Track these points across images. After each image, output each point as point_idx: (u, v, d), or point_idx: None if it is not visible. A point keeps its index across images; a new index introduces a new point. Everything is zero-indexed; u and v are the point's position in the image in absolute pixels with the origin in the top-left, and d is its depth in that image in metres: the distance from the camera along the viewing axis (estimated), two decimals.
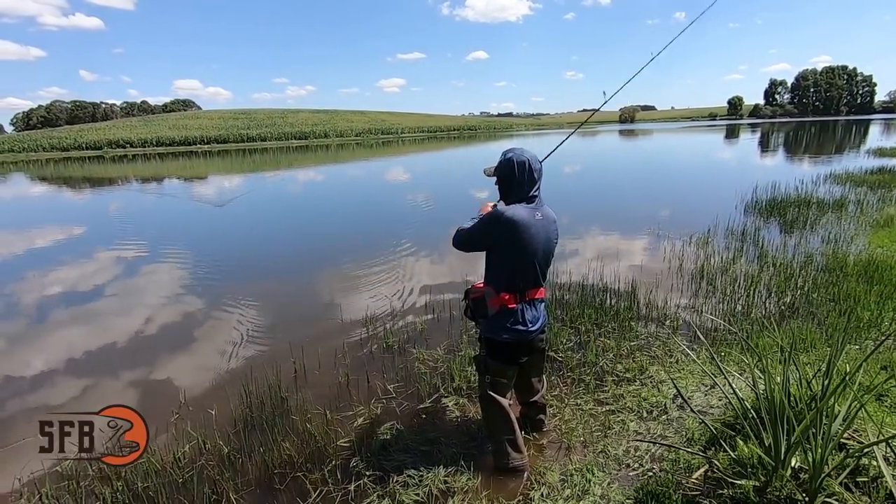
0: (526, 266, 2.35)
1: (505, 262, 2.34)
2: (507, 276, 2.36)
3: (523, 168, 2.34)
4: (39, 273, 7.17)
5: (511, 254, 2.31)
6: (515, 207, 2.32)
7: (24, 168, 36.19)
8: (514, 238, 2.28)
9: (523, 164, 2.35)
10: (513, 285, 2.37)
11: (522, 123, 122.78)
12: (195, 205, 14.07)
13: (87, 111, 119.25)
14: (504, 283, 2.37)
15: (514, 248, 2.30)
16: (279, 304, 5.38)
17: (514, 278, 2.36)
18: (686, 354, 3.56)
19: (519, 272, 2.35)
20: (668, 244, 6.82)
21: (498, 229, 2.29)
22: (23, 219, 12.95)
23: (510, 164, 2.36)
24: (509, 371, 2.50)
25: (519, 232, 2.27)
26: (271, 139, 63.39)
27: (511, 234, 2.27)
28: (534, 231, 2.31)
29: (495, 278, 2.39)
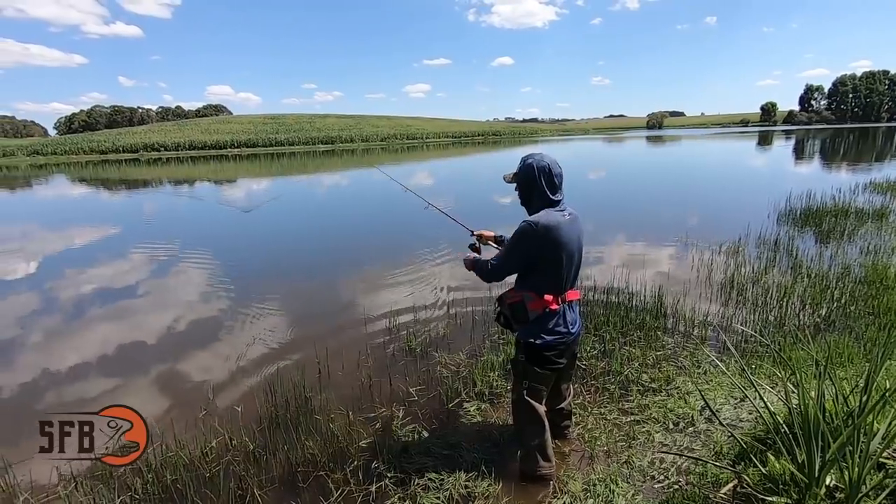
0: (566, 267, 2.34)
1: (547, 267, 2.31)
2: (551, 280, 2.34)
3: (544, 173, 2.32)
4: (77, 271, 7.46)
5: (552, 258, 2.29)
6: (546, 213, 2.30)
7: (66, 170, 37.75)
8: (552, 243, 2.26)
9: (544, 168, 2.32)
10: (556, 287, 2.35)
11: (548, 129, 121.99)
12: (224, 209, 14.41)
13: (125, 116, 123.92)
14: (547, 286, 2.34)
15: (555, 252, 2.28)
16: (304, 307, 5.47)
17: (557, 280, 2.34)
18: (715, 366, 3.47)
19: (560, 274, 2.34)
20: (696, 253, 6.67)
21: (535, 239, 2.26)
22: (63, 219, 13.50)
23: (531, 170, 2.34)
24: (549, 376, 2.46)
25: (555, 235, 2.26)
26: (299, 143, 64.59)
27: (548, 240, 2.25)
28: (568, 232, 2.30)
29: (536, 283, 2.36)
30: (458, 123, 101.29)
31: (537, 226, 2.25)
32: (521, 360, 2.47)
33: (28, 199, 20.82)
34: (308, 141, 65.92)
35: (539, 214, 2.31)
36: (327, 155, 46.64)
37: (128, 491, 2.55)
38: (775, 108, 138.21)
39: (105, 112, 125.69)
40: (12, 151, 56.00)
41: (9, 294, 6.46)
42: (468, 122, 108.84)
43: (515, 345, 2.55)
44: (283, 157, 46.16)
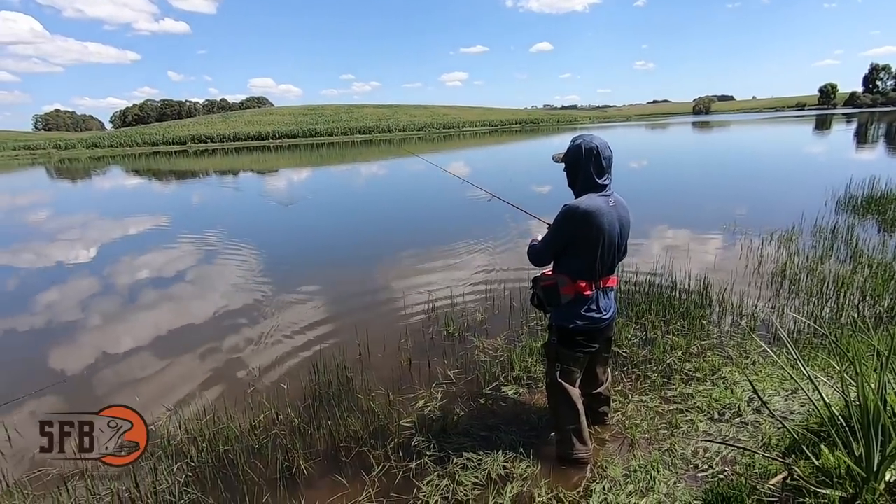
0: (604, 254, 2.30)
1: (584, 252, 2.29)
2: (586, 265, 2.31)
3: (592, 154, 2.28)
4: (131, 257, 7.90)
5: (590, 243, 2.26)
6: (588, 197, 2.27)
7: (121, 161, 39.85)
8: (591, 228, 2.23)
9: (592, 149, 2.28)
10: (590, 273, 2.33)
11: (587, 116, 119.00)
12: (265, 201, 14.87)
13: (173, 109, 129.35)
14: (581, 271, 2.33)
15: (593, 237, 2.25)
16: (345, 291, 5.60)
17: (592, 267, 2.32)
18: (765, 356, 3.35)
19: (597, 260, 2.31)
20: (745, 241, 6.39)
21: (574, 223, 2.24)
22: (119, 209, 14.30)
23: (579, 151, 2.31)
24: (581, 359, 2.47)
25: (596, 221, 2.22)
26: (337, 134, 65.66)
27: (588, 225, 2.22)
28: (609, 218, 2.26)
29: (571, 267, 2.34)
30: (496, 111, 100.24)
31: (578, 208, 2.23)
32: (554, 343, 2.48)
33: (88, 189, 22.15)
34: (346, 131, 66.89)
35: (581, 198, 2.28)
36: (365, 145, 47.23)
37: (184, 458, 2.71)
38: (835, 90, 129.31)
39: (156, 106, 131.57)
40: (74, 144, 59.59)
41: (71, 279, 6.92)
42: (505, 110, 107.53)
43: (548, 328, 2.56)
44: (322, 147, 47.06)
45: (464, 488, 2.37)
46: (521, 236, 7.63)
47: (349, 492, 2.43)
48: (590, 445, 2.52)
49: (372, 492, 2.40)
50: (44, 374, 4.01)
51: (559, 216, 2.30)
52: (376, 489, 2.43)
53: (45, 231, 11.00)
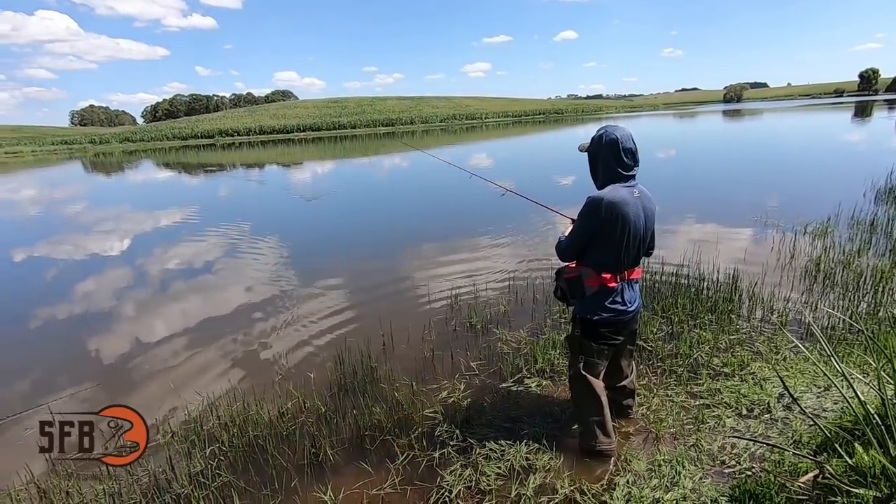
0: (629, 246, 2.29)
1: (608, 244, 2.27)
2: (611, 257, 2.30)
3: (613, 146, 2.25)
4: (162, 249, 8.15)
5: (615, 235, 2.24)
6: (612, 188, 2.25)
7: (152, 155, 40.97)
8: (616, 219, 2.21)
9: (615, 141, 2.25)
10: (615, 265, 2.32)
11: (613, 105, 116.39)
12: (290, 196, 15.09)
13: (201, 103, 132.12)
14: (606, 263, 2.31)
15: (618, 229, 2.23)
16: (369, 282, 5.66)
17: (616, 259, 2.30)
18: (796, 352, 3.26)
19: (622, 252, 2.29)
20: (776, 234, 6.21)
21: (599, 215, 2.21)
22: (150, 201, 14.73)
23: (600, 142, 2.29)
24: (605, 352, 2.46)
25: (621, 212, 2.20)
26: (360, 126, 66.03)
27: (613, 216, 2.20)
28: (634, 209, 2.24)
29: (596, 259, 2.33)
30: (519, 102, 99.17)
31: (602, 200, 2.21)
32: (577, 336, 2.47)
33: (121, 183, 22.88)
34: (369, 123, 67.20)
35: (605, 190, 2.26)
36: (387, 137, 47.37)
37: (216, 443, 2.81)
38: (877, 76, 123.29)
39: (184, 100, 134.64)
40: (108, 139, 61.56)
41: (105, 269, 7.19)
42: (529, 101, 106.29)
43: (571, 320, 2.56)
44: (345, 139, 47.43)
45: (487, 478, 2.40)
46: (544, 228, 7.58)
47: (374, 479, 2.48)
48: (613, 438, 2.52)
49: (396, 479, 2.45)
50: (81, 360, 4.20)
51: (583, 209, 2.28)
52: (401, 477, 2.47)
53: (82, 223, 11.43)
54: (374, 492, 2.40)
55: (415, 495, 2.37)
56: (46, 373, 4.04)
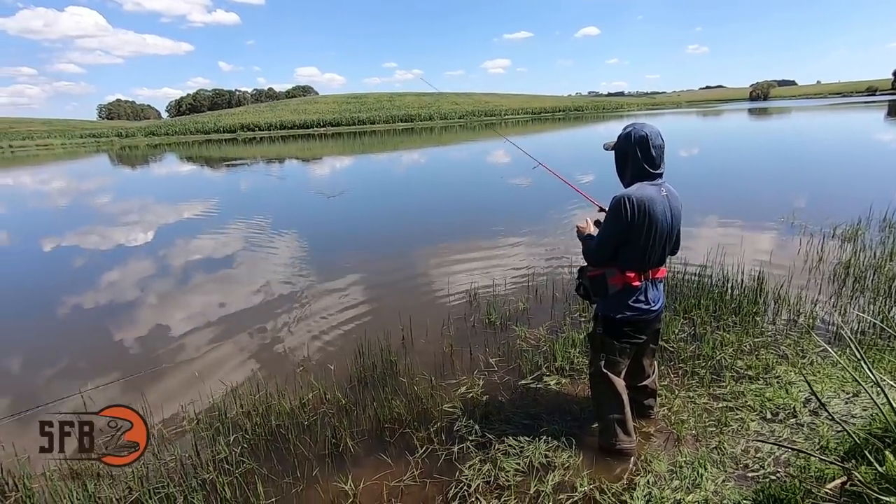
0: (655, 245, 2.26)
1: (634, 243, 2.24)
2: (636, 256, 2.27)
3: (641, 143, 2.23)
4: (185, 241, 8.32)
5: (641, 234, 2.21)
6: (639, 187, 2.22)
7: (175, 149, 41.79)
8: (644, 218, 2.18)
9: (642, 138, 2.22)
10: (640, 264, 2.29)
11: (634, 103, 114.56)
12: (309, 191, 15.23)
13: (224, 98, 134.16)
14: (631, 262, 2.29)
15: (645, 228, 2.20)
16: (388, 278, 5.70)
17: (642, 257, 2.27)
18: (824, 356, 3.19)
19: (648, 251, 2.26)
20: (804, 235, 6.06)
21: (626, 214, 2.18)
22: (174, 194, 15.04)
23: (628, 139, 2.26)
24: (627, 350, 2.44)
25: (649, 211, 2.18)
26: (380, 122, 66.29)
27: (641, 215, 2.17)
28: (661, 208, 2.22)
29: (621, 257, 2.30)
30: (539, 99, 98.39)
31: (630, 198, 2.18)
32: (599, 334, 2.46)
33: (146, 175, 23.39)
34: (388, 119, 67.41)
35: (632, 188, 2.24)
36: (406, 133, 47.46)
37: (240, 431, 2.87)
38: None
39: (207, 95, 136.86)
40: (133, 133, 62.99)
41: (130, 260, 7.37)
42: (548, 98, 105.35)
43: (594, 318, 2.54)
44: (364, 135, 47.67)
45: (505, 474, 2.40)
46: (563, 225, 7.53)
47: (394, 471, 2.51)
48: (633, 437, 2.50)
49: (416, 472, 2.48)
50: (108, 348, 4.33)
51: (610, 209, 2.25)
52: (420, 470, 2.50)
53: (108, 214, 11.74)
54: (393, 483, 2.43)
55: (434, 488, 2.39)
56: (74, 360, 4.17)
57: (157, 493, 2.38)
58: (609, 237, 2.28)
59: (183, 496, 2.36)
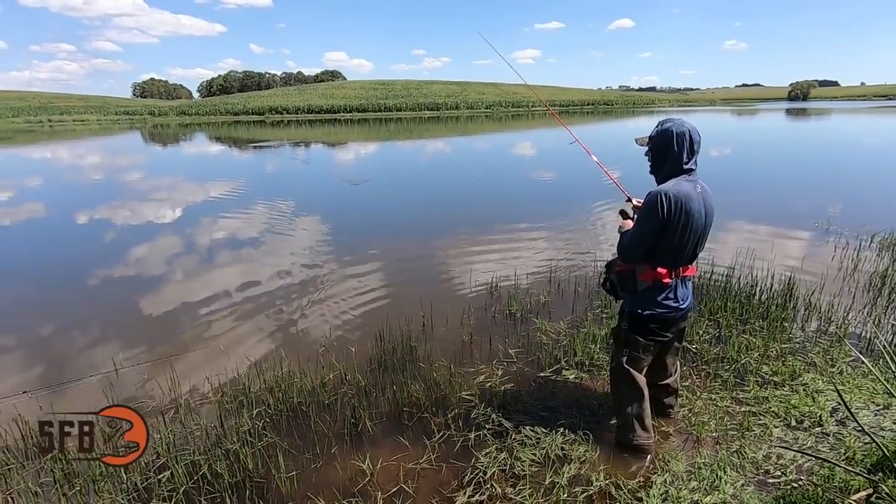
0: (688, 241, 2.23)
1: (668, 239, 2.21)
2: (669, 252, 2.24)
3: (683, 139, 2.19)
4: (211, 219, 8.48)
5: (676, 230, 2.18)
6: (676, 182, 2.19)
7: (205, 129, 42.51)
8: (680, 214, 2.15)
9: (683, 134, 2.19)
10: (672, 261, 2.27)
11: (666, 99, 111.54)
12: (334, 176, 15.35)
13: (254, 80, 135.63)
14: (663, 258, 2.26)
15: (681, 224, 2.17)
16: (410, 265, 5.74)
17: (675, 254, 2.25)
18: (855, 366, 3.11)
19: (681, 248, 2.24)
20: (839, 242, 5.87)
21: (663, 211, 2.14)
22: (202, 173, 15.33)
23: (668, 135, 2.21)
24: (651, 347, 2.42)
25: (685, 207, 2.15)
26: (406, 109, 66.16)
27: (678, 211, 2.14)
28: (697, 204, 2.18)
29: (652, 253, 2.27)
30: (567, 91, 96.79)
31: (668, 193, 2.15)
32: (624, 329, 2.44)
33: (176, 154, 23.89)
34: (414, 107, 67.24)
35: (668, 184, 2.20)
36: (432, 122, 47.31)
37: (262, 405, 2.95)
38: None
39: (238, 77, 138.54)
40: (166, 112, 64.29)
41: (159, 235, 7.56)
42: (578, 90, 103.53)
43: (619, 313, 2.51)
44: (390, 122, 47.71)
45: (521, 463, 2.42)
46: (589, 219, 7.44)
47: (411, 453, 2.55)
48: (652, 434, 2.49)
49: (432, 456, 2.51)
50: (137, 322, 4.47)
51: (647, 204, 2.21)
52: (436, 454, 2.53)
53: (139, 191, 12.05)
54: (410, 465, 2.47)
55: (449, 473, 2.42)
56: (105, 331, 4.32)
57: (182, 460, 2.47)
58: (645, 233, 2.24)
59: (207, 464, 2.45)
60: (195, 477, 2.40)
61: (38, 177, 15.17)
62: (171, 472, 2.39)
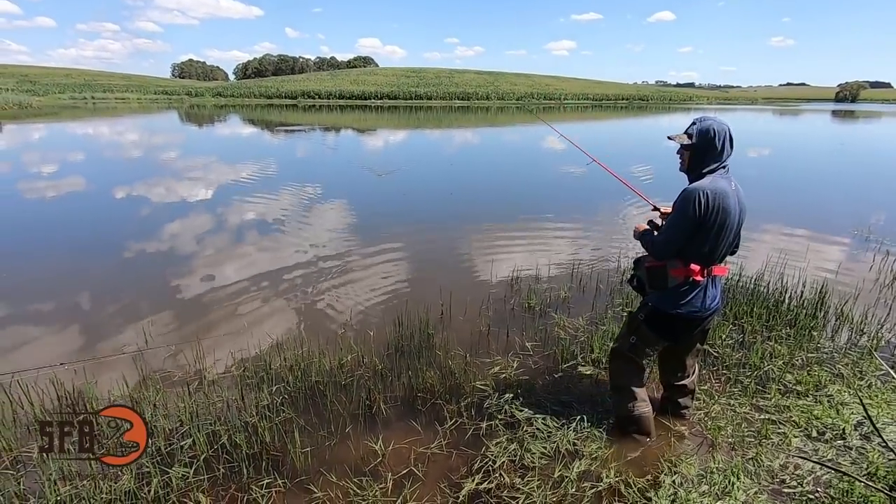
0: (723, 239, 2.21)
1: (705, 236, 2.18)
2: (704, 249, 2.21)
3: (725, 137, 2.18)
4: (241, 199, 8.66)
5: (713, 227, 2.15)
6: (713, 179, 2.17)
7: (239, 111, 43.30)
8: (717, 211, 2.13)
9: (724, 131, 2.19)
10: (706, 258, 2.23)
11: (705, 96, 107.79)
12: (360, 168, 15.45)
13: (288, 64, 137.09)
14: (697, 255, 2.22)
15: (718, 221, 2.14)
16: (432, 254, 5.77)
17: (709, 251, 2.22)
18: (886, 380, 3.01)
19: (716, 246, 2.21)
20: (878, 252, 5.64)
21: (701, 207, 2.11)
22: (235, 154, 15.65)
23: (710, 133, 2.18)
24: (660, 343, 2.43)
25: (723, 204, 2.13)
26: (436, 98, 65.92)
27: (716, 208, 2.12)
28: (732, 201, 2.16)
29: (686, 250, 2.22)
30: (602, 85, 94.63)
31: (705, 190, 2.13)
32: (640, 319, 2.42)
33: (210, 134, 24.45)
34: (445, 96, 66.93)
35: (705, 181, 2.18)
36: (462, 111, 47.04)
37: (282, 382, 3.04)
38: None
39: (273, 60, 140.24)
40: (202, 93, 65.68)
41: (191, 214, 7.77)
42: (613, 84, 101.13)
43: (641, 304, 2.49)
44: (420, 110, 47.65)
45: (531, 456, 2.44)
46: (615, 218, 7.32)
47: (422, 438, 2.60)
48: (650, 407, 2.53)
49: (443, 442, 2.55)
50: (166, 296, 4.63)
51: (683, 201, 2.17)
52: (447, 440, 2.57)
53: (174, 169, 12.39)
54: (421, 450, 2.51)
55: (459, 459, 2.46)
56: (136, 303, 4.49)
57: (204, 429, 2.58)
58: (680, 230, 2.20)
59: (227, 434, 2.54)
60: (215, 446, 2.50)
61: (80, 152, 15.75)
62: (193, 440, 2.49)
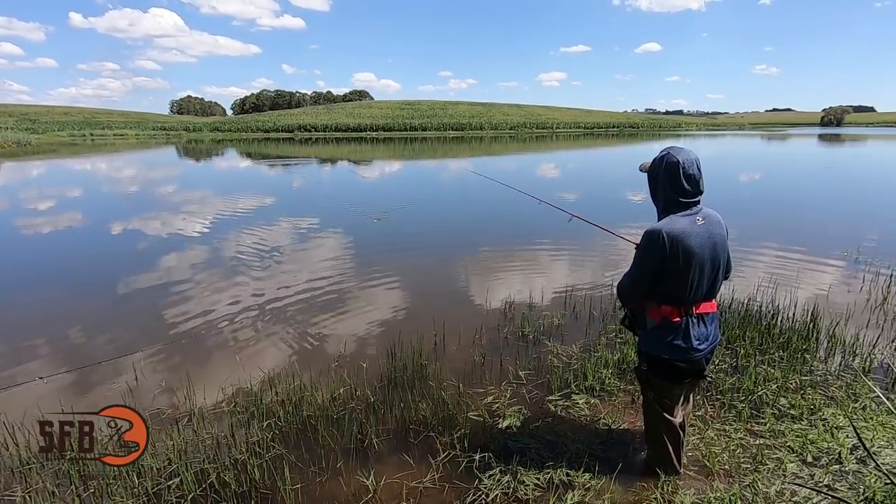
0: (695, 278, 2.12)
1: (671, 278, 2.12)
2: (673, 290, 2.15)
3: (672, 169, 2.10)
4: (237, 233, 8.72)
5: (677, 269, 2.09)
6: (671, 220, 2.11)
7: (237, 145, 43.93)
8: (678, 253, 2.06)
9: (673, 164, 2.09)
10: (676, 298, 2.16)
11: (693, 122, 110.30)
12: (356, 212, 15.59)
13: (285, 99, 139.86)
14: (667, 296, 2.17)
15: (681, 263, 2.08)
16: (426, 284, 5.80)
17: (680, 291, 2.14)
18: (880, 403, 2.99)
19: (688, 285, 2.13)
20: (869, 273, 5.69)
21: (658, 250, 2.07)
22: (231, 188, 15.79)
23: (660, 164, 2.15)
24: (675, 388, 2.33)
25: (682, 245, 2.06)
26: (431, 129, 67.17)
27: (674, 250, 2.05)
28: (697, 240, 2.09)
29: (657, 291, 2.18)
30: (592, 114, 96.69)
31: (660, 232, 2.06)
32: (644, 370, 2.37)
33: (207, 169, 24.73)
34: (440, 127, 68.21)
35: (662, 222, 2.12)
36: (456, 141, 47.82)
37: (272, 417, 3.00)
38: None
39: (270, 95, 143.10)
40: (200, 128, 66.75)
41: (187, 247, 7.79)
42: (603, 113, 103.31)
43: (638, 354, 2.46)
44: (415, 141, 48.42)
45: (525, 487, 2.40)
46: (607, 246, 7.39)
47: (415, 472, 2.56)
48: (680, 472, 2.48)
49: (436, 475, 2.51)
50: (156, 331, 4.61)
51: (641, 245, 2.16)
52: (440, 474, 2.53)
53: (171, 203, 12.48)
54: (413, 484, 2.47)
55: (452, 493, 2.42)
56: (129, 335, 4.46)
57: (192, 468, 2.53)
58: (642, 273, 2.17)
59: (216, 473, 2.50)
60: (203, 485, 2.45)
61: (78, 187, 15.88)
62: (181, 479, 2.44)
